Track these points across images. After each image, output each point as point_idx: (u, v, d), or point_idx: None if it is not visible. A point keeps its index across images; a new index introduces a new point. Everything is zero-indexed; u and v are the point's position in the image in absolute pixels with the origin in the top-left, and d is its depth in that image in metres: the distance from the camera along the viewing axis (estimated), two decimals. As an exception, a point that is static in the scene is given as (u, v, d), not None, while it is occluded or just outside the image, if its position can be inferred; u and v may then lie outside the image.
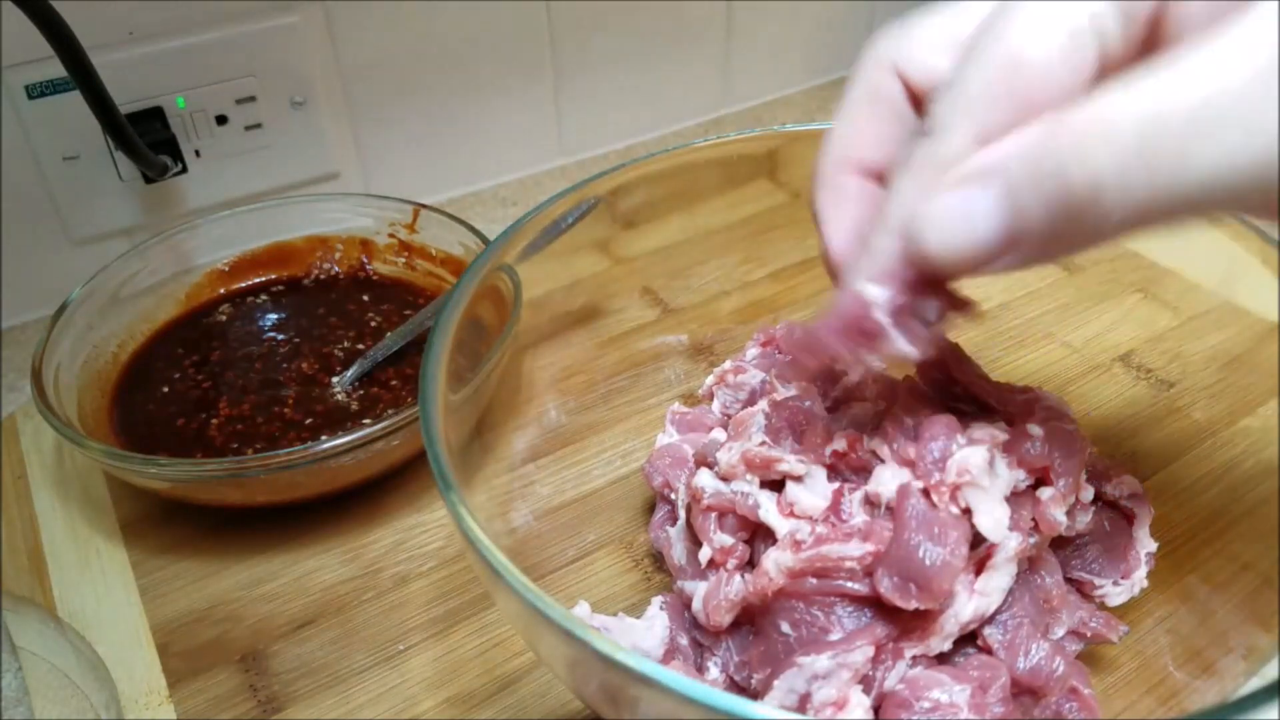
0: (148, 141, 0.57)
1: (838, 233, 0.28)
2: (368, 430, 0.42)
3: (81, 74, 0.50)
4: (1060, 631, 0.35)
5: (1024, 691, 0.32)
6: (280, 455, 0.42)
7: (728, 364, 0.43)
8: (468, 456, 0.37)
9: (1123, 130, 0.18)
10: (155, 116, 0.59)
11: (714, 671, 0.35)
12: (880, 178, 0.28)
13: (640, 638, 0.35)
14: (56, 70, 0.52)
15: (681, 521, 0.38)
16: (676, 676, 0.23)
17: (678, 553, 0.38)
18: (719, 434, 0.39)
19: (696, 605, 0.35)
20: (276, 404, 0.50)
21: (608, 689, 0.28)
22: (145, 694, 0.40)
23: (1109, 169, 0.18)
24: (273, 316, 0.56)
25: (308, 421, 0.49)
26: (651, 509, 0.42)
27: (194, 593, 0.44)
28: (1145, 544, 0.36)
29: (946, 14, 0.26)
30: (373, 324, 0.55)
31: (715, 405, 0.43)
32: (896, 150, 0.27)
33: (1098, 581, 0.36)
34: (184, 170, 0.61)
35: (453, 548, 0.45)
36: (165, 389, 0.52)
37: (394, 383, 0.51)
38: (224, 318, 0.56)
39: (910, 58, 0.26)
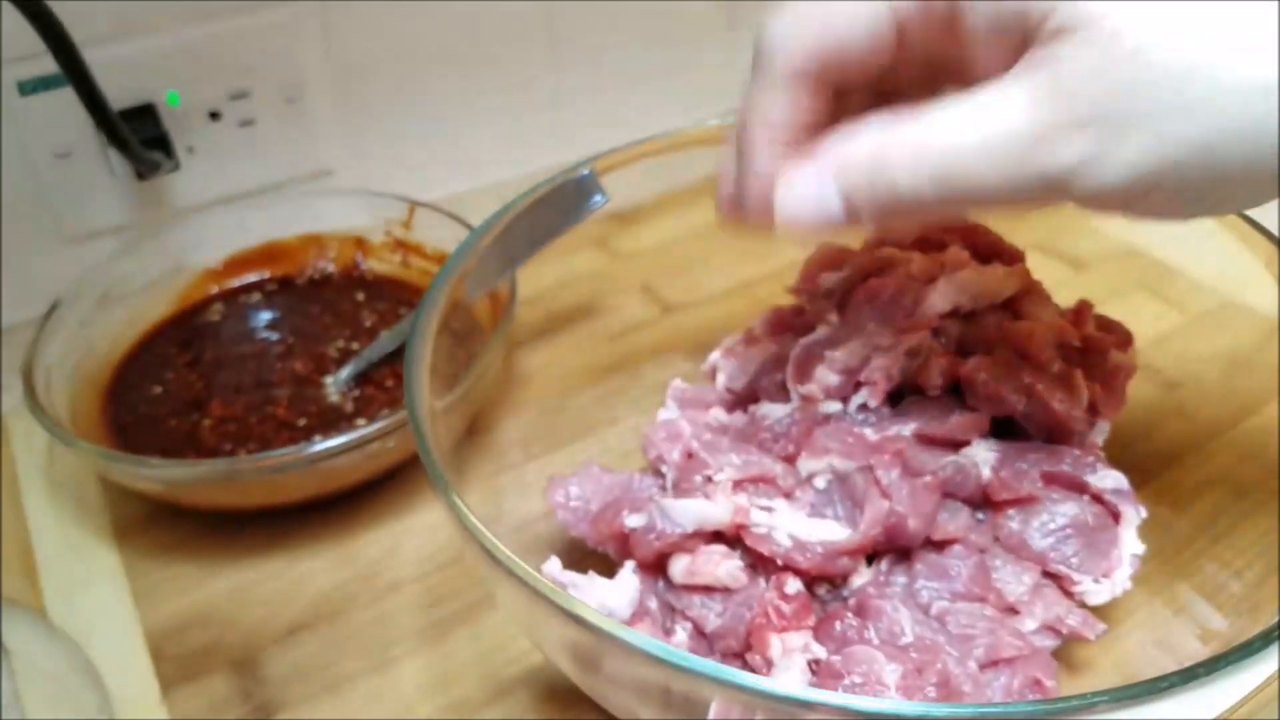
0: (140, 138, 0.56)
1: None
2: (362, 431, 0.42)
3: (74, 69, 0.50)
4: (1032, 624, 0.34)
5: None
6: (273, 456, 0.41)
7: (730, 340, 0.43)
8: (462, 456, 0.37)
9: (928, 158, 0.26)
10: (148, 113, 0.58)
11: (680, 635, 0.35)
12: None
13: (608, 596, 0.35)
14: (49, 66, 0.51)
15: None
16: (637, 634, 0.24)
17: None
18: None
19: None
20: (269, 404, 0.50)
21: (574, 649, 0.28)
22: (138, 698, 0.40)
23: (920, 186, 0.26)
24: (266, 315, 0.56)
25: (301, 422, 0.49)
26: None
27: (187, 596, 0.44)
28: (1130, 545, 0.35)
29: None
30: (367, 323, 0.55)
31: (719, 381, 0.42)
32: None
33: (1077, 576, 0.34)
34: (177, 167, 0.60)
35: (449, 552, 0.45)
36: (157, 389, 0.51)
37: (389, 383, 0.51)
38: (217, 317, 0.56)
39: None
